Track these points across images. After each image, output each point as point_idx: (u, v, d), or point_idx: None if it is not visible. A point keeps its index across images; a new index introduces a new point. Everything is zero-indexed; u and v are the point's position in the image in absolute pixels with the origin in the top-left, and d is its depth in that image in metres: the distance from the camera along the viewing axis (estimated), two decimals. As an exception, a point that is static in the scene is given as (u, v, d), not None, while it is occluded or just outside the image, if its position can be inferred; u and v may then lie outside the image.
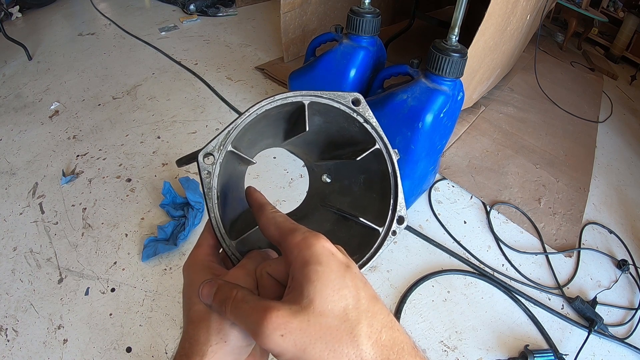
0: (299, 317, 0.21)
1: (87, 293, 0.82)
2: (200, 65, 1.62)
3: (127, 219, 0.97)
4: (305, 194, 0.40)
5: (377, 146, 0.32)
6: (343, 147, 0.35)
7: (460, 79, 0.88)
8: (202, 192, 0.30)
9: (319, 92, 0.31)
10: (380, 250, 0.33)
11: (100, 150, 1.17)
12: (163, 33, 1.87)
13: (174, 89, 1.47)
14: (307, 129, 0.32)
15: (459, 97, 0.91)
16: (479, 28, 0.98)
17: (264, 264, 0.27)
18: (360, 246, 0.34)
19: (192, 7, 2.05)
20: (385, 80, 1.02)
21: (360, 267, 0.32)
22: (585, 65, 2.23)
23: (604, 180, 1.36)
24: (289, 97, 0.30)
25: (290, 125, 0.34)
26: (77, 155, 1.15)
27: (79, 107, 1.35)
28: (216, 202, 0.30)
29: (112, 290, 0.83)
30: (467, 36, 0.94)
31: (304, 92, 0.31)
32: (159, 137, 1.23)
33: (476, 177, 1.23)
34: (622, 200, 1.29)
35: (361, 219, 0.34)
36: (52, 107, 1.33)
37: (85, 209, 1.00)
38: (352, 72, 1.02)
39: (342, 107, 0.31)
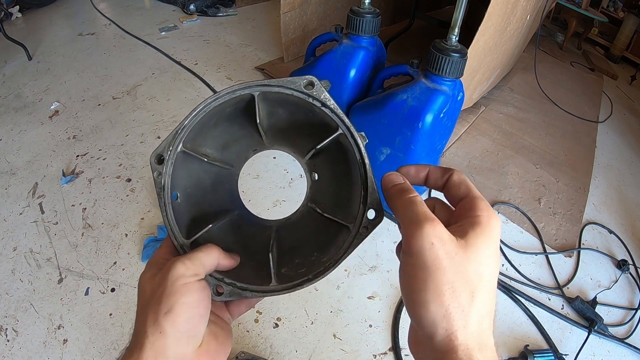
0: (454, 245, 0.23)
1: (87, 293, 0.82)
2: (200, 65, 1.62)
3: (127, 219, 0.97)
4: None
5: (340, 131, 0.29)
6: (318, 137, 0.32)
7: (460, 79, 0.88)
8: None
9: (267, 80, 0.29)
10: (349, 250, 0.29)
11: (100, 150, 1.17)
12: (163, 33, 1.87)
13: (174, 89, 1.47)
14: (258, 120, 0.30)
15: (459, 97, 0.91)
16: (479, 28, 0.98)
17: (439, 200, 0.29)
18: (327, 245, 0.31)
19: (192, 7, 2.05)
20: (385, 80, 1.02)
21: (329, 268, 0.29)
22: (585, 65, 2.23)
23: (604, 180, 1.36)
24: (235, 90, 0.29)
25: (253, 121, 0.32)
26: (77, 155, 1.15)
27: (79, 107, 1.34)
28: (169, 202, 0.29)
29: (112, 290, 0.83)
30: (467, 36, 0.94)
31: (252, 82, 0.29)
32: (159, 137, 1.23)
33: (476, 177, 1.23)
34: (622, 201, 1.29)
35: (326, 214, 0.32)
36: (52, 107, 1.33)
37: (85, 209, 1.00)
38: (352, 72, 1.02)
39: (295, 93, 0.29)
